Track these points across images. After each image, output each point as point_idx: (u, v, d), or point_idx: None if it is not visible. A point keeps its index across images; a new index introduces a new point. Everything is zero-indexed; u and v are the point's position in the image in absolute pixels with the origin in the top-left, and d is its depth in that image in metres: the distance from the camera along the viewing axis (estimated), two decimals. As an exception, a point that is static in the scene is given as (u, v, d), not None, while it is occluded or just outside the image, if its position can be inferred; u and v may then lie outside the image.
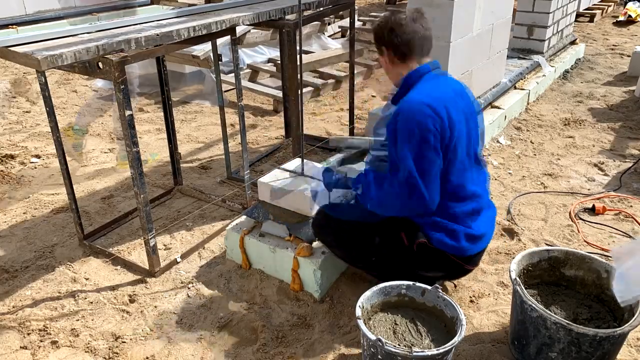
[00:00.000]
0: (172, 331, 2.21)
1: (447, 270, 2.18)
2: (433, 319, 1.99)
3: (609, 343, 1.78)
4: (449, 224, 2.04)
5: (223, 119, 3.25)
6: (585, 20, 8.16)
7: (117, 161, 3.80)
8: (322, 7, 3.26)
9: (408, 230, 2.10)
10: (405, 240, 2.10)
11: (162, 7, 2.99)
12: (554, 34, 5.52)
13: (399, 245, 2.11)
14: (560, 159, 3.73)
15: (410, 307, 2.03)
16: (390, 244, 2.13)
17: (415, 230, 2.09)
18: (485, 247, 2.20)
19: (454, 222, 2.05)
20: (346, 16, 7.34)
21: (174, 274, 2.57)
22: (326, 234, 2.28)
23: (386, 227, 2.15)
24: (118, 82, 2.09)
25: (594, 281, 2.07)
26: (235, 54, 2.78)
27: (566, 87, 5.25)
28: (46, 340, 2.17)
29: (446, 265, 2.12)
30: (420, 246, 2.08)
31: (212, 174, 3.64)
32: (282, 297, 2.37)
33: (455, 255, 2.09)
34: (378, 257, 2.18)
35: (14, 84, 5.24)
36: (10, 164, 3.78)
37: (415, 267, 2.15)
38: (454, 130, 1.96)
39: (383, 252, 2.16)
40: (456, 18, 3.23)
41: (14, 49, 1.94)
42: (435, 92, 2.01)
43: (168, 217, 3.08)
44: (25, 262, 2.68)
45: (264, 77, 5.57)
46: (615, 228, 2.88)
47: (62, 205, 3.20)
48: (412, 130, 1.91)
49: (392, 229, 2.13)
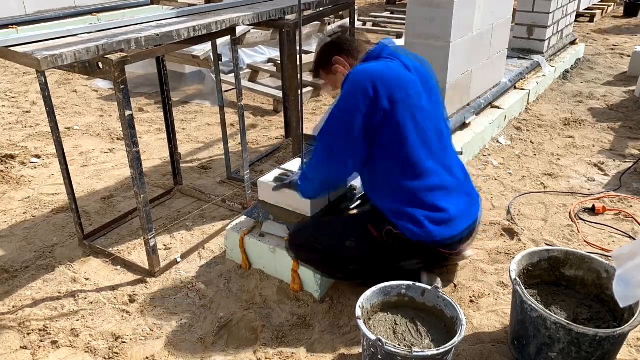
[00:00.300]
0: (172, 331, 2.21)
1: (424, 257, 2.15)
2: (433, 319, 1.99)
3: (609, 343, 1.78)
4: (409, 210, 2.03)
5: (223, 119, 3.25)
6: (585, 20, 8.17)
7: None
8: (322, 7, 3.26)
9: (373, 221, 2.12)
10: (374, 232, 2.11)
11: (162, 7, 2.99)
12: (554, 34, 5.52)
13: (371, 241, 2.12)
14: (560, 159, 3.73)
15: (410, 307, 2.03)
16: (362, 241, 2.14)
17: (378, 216, 2.10)
18: (465, 233, 2.14)
19: (414, 207, 2.04)
20: (346, 16, 7.35)
21: (174, 274, 2.57)
22: (303, 252, 2.28)
23: (354, 226, 2.18)
24: (118, 82, 2.09)
25: (594, 281, 2.07)
26: (235, 54, 2.78)
27: (566, 87, 5.25)
28: (46, 340, 2.17)
29: (420, 252, 2.11)
30: (389, 234, 2.07)
31: (212, 174, 3.64)
32: (282, 297, 2.37)
33: (423, 241, 2.05)
34: (355, 263, 2.19)
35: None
36: (10, 164, 3.78)
37: (392, 260, 2.14)
38: (395, 104, 1.99)
39: (358, 254, 2.16)
40: (456, 18, 3.23)
41: (14, 49, 1.94)
42: (376, 66, 2.08)
43: (168, 217, 3.08)
44: (25, 262, 2.68)
45: (264, 77, 5.57)
46: (615, 228, 2.88)
47: (62, 205, 3.20)
48: (341, 102, 2.05)
49: (359, 225, 2.16)
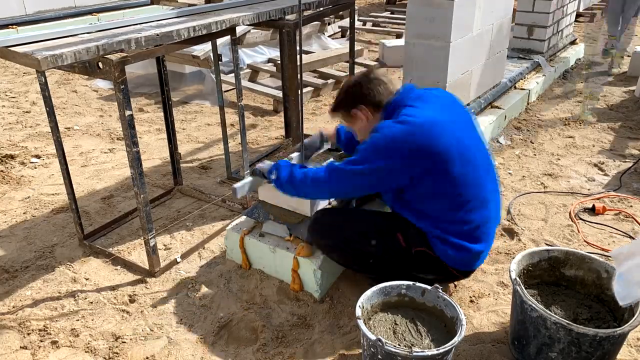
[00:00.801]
0: (172, 331, 2.21)
1: (444, 275, 2.19)
2: (433, 319, 1.98)
3: (609, 343, 1.78)
4: (455, 240, 2.05)
5: (223, 119, 3.25)
6: (585, 20, 8.17)
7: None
8: (322, 7, 3.26)
9: (405, 231, 2.11)
10: (402, 242, 2.11)
11: (162, 7, 2.99)
12: (554, 34, 5.52)
13: (396, 247, 2.12)
14: (560, 159, 3.73)
15: (410, 307, 2.03)
16: (387, 245, 2.14)
17: (413, 232, 2.10)
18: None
19: (461, 239, 2.05)
20: (346, 16, 7.35)
21: (174, 274, 2.57)
22: (322, 238, 2.28)
23: (382, 229, 2.17)
24: (118, 82, 2.09)
25: (594, 281, 2.07)
26: (235, 54, 2.78)
27: (566, 87, 5.25)
28: (46, 340, 2.17)
29: (443, 271, 2.15)
30: (419, 253, 2.10)
31: (212, 174, 3.64)
32: (282, 297, 2.37)
33: (455, 269, 2.12)
34: (375, 259, 2.19)
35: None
36: (10, 164, 3.78)
37: (412, 269, 2.16)
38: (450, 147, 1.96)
39: (380, 254, 2.16)
40: (456, 18, 3.23)
41: (14, 49, 1.94)
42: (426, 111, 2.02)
43: (168, 217, 3.08)
44: (25, 262, 2.68)
45: (264, 77, 5.57)
46: (615, 228, 2.88)
47: (62, 205, 3.20)
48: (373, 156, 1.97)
49: (388, 230, 2.14)
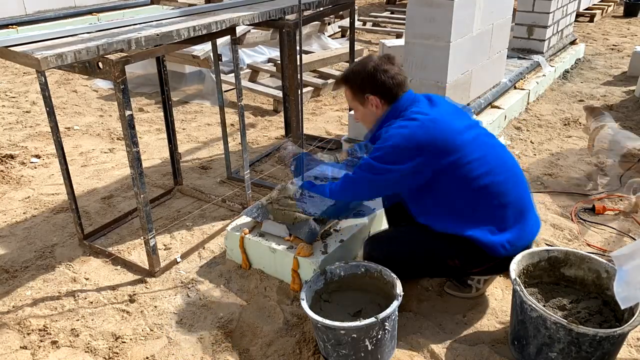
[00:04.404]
0: (172, 331, 2.21)
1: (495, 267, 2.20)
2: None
3: (609, 343, 1.78)
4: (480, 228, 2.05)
5: (223, 118, 3.25)
6: (585, 20, 8.17)
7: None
8: (322, 7, 3.26)
9: (451, 255, 2.12)
10: (455, 264, 2.14)
11: (162, 7, 2.99)
12: (554, 34, 5.52)
13: (449, 266, 2.16)
14: (560, 159, 3.73)
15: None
16: (440, 268, 2.18)
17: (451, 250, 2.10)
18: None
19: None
20: (346, 16, 7.35)
21: (174, 274, 2.57)
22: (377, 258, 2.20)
23: (433, 255, 2.15)
24: (118, 82, 2.09)
25: (594, 281, 2.07)
26: (235, 54, 2.78)
27: (566, 87, 5.25)
28: (46, 340, 2.17)
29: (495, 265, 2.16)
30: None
31: (212, 174, 3.64)
32: (282, 297, 2.37)
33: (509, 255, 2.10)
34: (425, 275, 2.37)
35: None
36: (10, 164, 3.78)
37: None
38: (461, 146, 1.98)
39: (434, 276, 2.39)
40: (456, 18, 3.23)
41: (14, 49, 1.94)
42: (435, 110, 2.05)
43: (168, 217, 3.08)
44: (25, 262, 2.68)
45: (264, 77, 5.57)
46: (615, 228, 2.88)
47: (62, 205, 3.20)
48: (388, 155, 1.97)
49: (439, 258, 2.14)
